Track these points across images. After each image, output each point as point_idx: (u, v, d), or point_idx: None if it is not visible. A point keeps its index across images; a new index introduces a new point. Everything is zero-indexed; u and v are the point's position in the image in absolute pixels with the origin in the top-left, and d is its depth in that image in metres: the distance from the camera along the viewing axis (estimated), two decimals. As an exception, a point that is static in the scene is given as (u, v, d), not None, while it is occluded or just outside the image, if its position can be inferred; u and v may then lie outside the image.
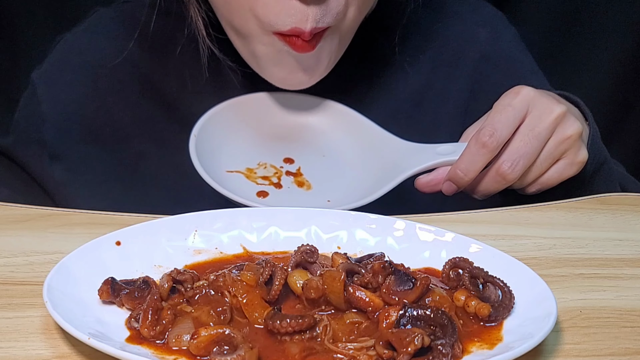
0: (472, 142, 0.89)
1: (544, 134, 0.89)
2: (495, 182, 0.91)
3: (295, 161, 1.04)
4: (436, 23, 1.13)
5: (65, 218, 0.86)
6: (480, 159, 0.89)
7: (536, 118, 0.89)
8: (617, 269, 0.80)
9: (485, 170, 0.91)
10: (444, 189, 0.93)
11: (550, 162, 0.91)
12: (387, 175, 0.95)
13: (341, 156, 1.05)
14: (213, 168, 0.97)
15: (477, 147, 0.88)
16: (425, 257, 0.78)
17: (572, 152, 0.91)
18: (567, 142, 0.90)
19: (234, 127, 1.05)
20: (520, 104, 0.89)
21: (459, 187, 0.92)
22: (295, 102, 1.07)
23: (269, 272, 0.70)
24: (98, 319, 0.67)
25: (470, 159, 0.89)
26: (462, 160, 0.90)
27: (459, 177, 0.90)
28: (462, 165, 0.90)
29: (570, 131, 0.90)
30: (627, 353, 0.67)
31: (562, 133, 0.90)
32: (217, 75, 1.07)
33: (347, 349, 0.64)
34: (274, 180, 1.00)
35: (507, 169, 0.89)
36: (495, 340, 0.66)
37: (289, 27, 0.91)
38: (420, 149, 0.97)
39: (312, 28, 0.91)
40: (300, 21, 0.91)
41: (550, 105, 0.89)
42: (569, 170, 0.92)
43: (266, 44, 0.95)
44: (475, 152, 0.89)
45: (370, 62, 1.11)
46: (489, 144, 0.88)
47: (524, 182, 0.92)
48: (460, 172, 0.90)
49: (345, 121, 1.06)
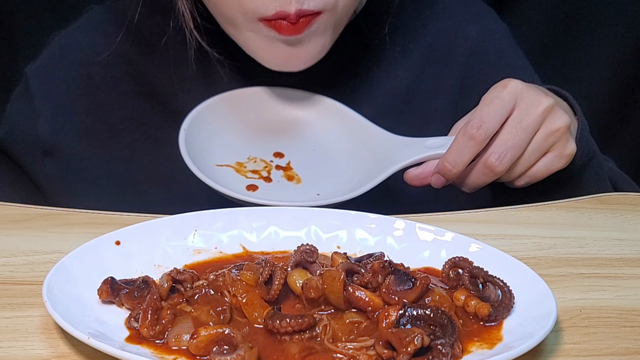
0: (459, 134, 0.89)
1: (532, 127, 0.89)
2: (483, 174, 0.91)
3: (285, 155, 1.04)
4: (426, 19, 1.13)
5: (65, 218, 0.86)
6: (468, 151, 0.89)
7: (524, 111, 0.89)
8: (617, 268, 0.80)
9: (474, 162, 0.91)
10: (432, 181, 0.93)
11: (539, 155, 0.91)
12: (376, 169, 0.95)
13: (331, 150, 1.05)
14: (203, 162, 0.98)
15: (465, 140, 0.88)
16: (425, 256, 0.78)
17: (560, 144, 0.91)
18: (555, 135, 0.90)
19: (224, 121, 1.05)
20: (508, 96, 0.89)
21: (447, 180, 0.92)
22: (285, 96, 1.08)
23: (268, 271, 0.70)
24: (98, 318, 0.67)
25: (458, 152, 0.89)
26: (450, 152, 0.90)
27: (447, 170, 0.90)
28: (450, 157, 0.90)
29: (558, 124, 0.90)
30: (627, 353, 0.67)
31: (550, 126, 0.90)
32: (204, 68, 1.07)
33: (346, 348, 0.64)
34: (263, 174, 1.00)
35: (494, 161, 0.89)
36: (495, 340, 0.66)
37: (274, 11, 0.92)
38: (409, 143, 0.98)
39: (297, 10, 0.91)
40: (285, 4, 0.91)
41: (538, 98, 0.89)
42: (557, 163, 0.92)
43: (253, 31, 0.96)
44: (463, 144, 0.89)
45: (361, 58, 1.11)
46: (476, 136, 0.88)
47: (512, 174, 0.92)
48: (448, 164, 0.90)
49: (335, 115, 1.07)
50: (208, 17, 1.02)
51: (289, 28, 0.93)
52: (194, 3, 1.02)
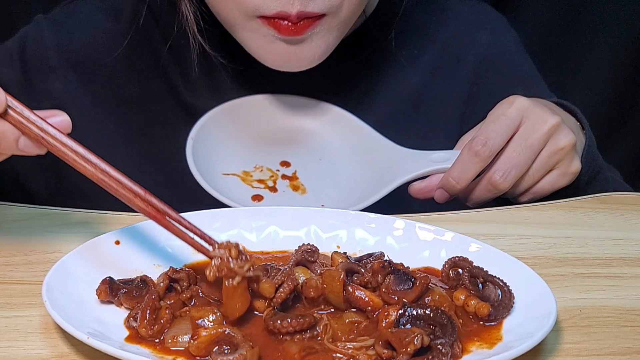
0: (464, 150, 0.89)
1: (537, 145, 0.89)
2: (487, 191, 0.91)
3: (291, 164, 1.04)
4: (436, 24, 1.13)
5: (65, 217, 0.86)
6: (472, 168, 0.89)
7: (529, 128, 0.89)
8: (617, 268, 0.80)
9: (478, 179, 0.91)
10: (436, 196, 0.93)
11: (543, 173, 0.92)
12: (381, 181, 0.95)
13: (337, 160, 1.05)
14: (210, 170, 0.97)
15: (470, 156, 0.89)
16: (424, 256, 0.78)
17: (565, 163, 0.92)
18: (560, 153, 0.91)
19: (232, 130, 1.05)
20: (514, 113, 0.89)
21: (451, 195, 0.92)
22: (294, 104, 1.07)
23: (281, 279, 0.69)
24: (97, 318, 0.67)
25: (462, 168, 0.90)
26: (455, 168, 0.90)
27: (451, 185, 0.91)
28: (455, 173, 0.90)
29: (563, 142, 0.90)
30: (627, 352, 0.67)
31: (555, 144, 0.90)
32: (208, 72, 1.06)
33: (346, 348, 0.64)
34: (269, 184, 1.00)
35: (499, 179, 0.89)
36: (495, 340, 0.66)
37: (275, 10, 0.91)
38: (415, 156, 0.98)
39: (299, 12, 0.90)
40: (286, 4, 0.90)
41: (544, 116, 0.90)
42: (561, 180, 0.93)
43: (251, 30, 0.94)
44: (468, 160, 0.89)
45: (370, 62, 1.10)
46: (481, 152, 0.88)
47: (516, 191, 0.93)
48: (452, 180, 0.90)
49: (342, 124, 1.06)
50: (212, 21, 1.01)
51: (290, 29, 0.92)
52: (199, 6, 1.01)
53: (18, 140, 0.70)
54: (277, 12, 0.91)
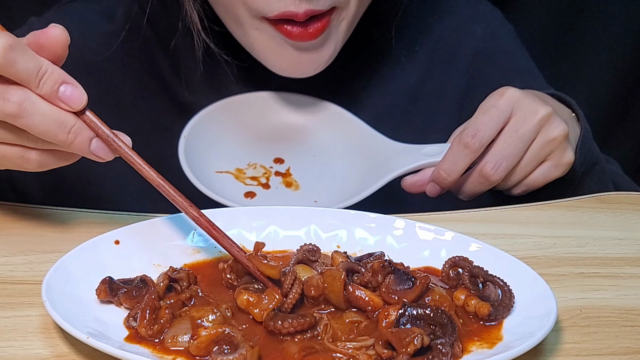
0: (454, 142, 0.89)
1: (528, 136, 0.89)
2: (479, 183, 0.91)
3: (285, 161, 1.04)
4: (432, 18, 1.13)
5: (64, 217, 0.85)
6: (462, 160, 0.89)
7: (520, 119, 0.89)
8: (617, 268, 0.80)
9: (469, 171, 0.91)
10: (427, 190, 0.93)
11: (535, 164, 0.91)
12: (373, 176, 0.95)
13: (331, 156, 1.05)
14: (203, 169, 0.98)
15: (460, 148, 0.88)
16: (425, 256, 0.78)
17: (558, 153, 0.91)
18: (552, 144, 0.90)
19: (225, 127, 1.05)
20: (504, 105, 0.89)
21: (442, 188, 0.92)
22: (288, 101, 1.07)
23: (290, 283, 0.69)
24: (97, 318, 0.67)
25: (452, 160, 0.89)
26: (445, 161, 0.90)
27: (442, 178, 0.90)
28: (445, 165, 0.90)
29: (555, 133, 0.90)
30: (627, 352, 0.67)
31: (547, 135, 0.90)
32: (212, 69, 1.06)
33: (346, 348, 0.64)
34: (262, 181, 1.00)
35: (490, 170, 0.89)
36: (495, 340, 0.66)
37: (277, 12, 0.90)
38: (408, 150, 0.97)
39: (307, 10, 0.89)
40: (290, 4, 0.89)
41: (535, 107, 0.89)
42: (555, 172, 0.92)
43: (259, 28, 0.94)
44: (458, 152, 0.89)
45: (366, 57, 1.10)
46: (471, 144, 0.88)
47: (508, 183, 0.92)
48: (443, 172, 0.90)
49: (336, 120, 1.06)
50: (215, 19, 1.01)
51: (300, 33, 0.91)
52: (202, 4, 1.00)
53: (92, 140, 0.71)
54: (280, 12, 0.90)
